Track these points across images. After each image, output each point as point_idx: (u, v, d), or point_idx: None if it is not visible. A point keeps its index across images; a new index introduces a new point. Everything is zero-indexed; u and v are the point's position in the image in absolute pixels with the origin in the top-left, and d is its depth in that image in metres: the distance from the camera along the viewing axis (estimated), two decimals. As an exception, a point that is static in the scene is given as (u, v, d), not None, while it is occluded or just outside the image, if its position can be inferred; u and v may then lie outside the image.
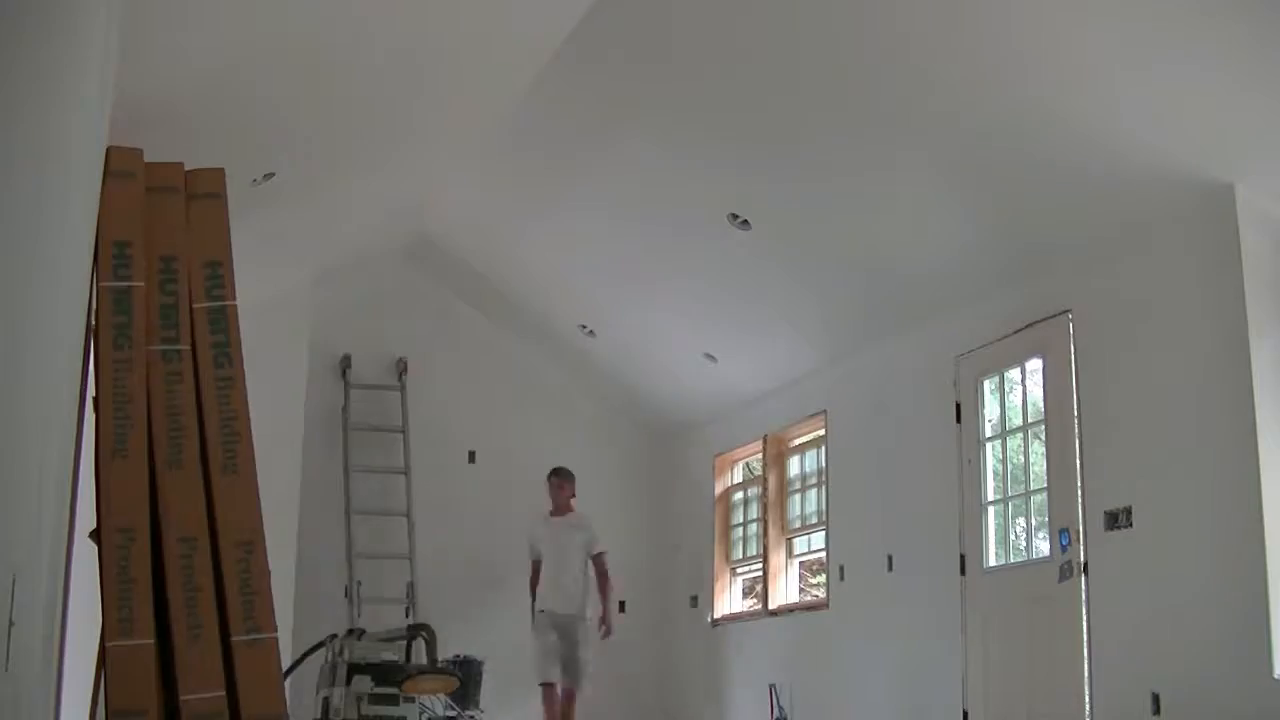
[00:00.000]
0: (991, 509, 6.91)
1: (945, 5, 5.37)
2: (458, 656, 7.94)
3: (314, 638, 6.40)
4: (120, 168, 4.04)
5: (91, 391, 3.95)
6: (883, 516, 7.74)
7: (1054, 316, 6.45)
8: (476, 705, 7.97)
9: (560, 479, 8.45)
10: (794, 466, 9.21)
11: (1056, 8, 5.13)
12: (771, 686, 8.49)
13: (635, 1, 6.11)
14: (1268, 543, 5.17)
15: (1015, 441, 6.95)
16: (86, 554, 3.94)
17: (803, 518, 9.04)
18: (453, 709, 7.82)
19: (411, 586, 9.11)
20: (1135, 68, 5.20)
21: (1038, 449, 6.76)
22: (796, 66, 6.07)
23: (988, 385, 7.11)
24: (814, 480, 8.87)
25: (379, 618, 8.36)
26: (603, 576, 8.22)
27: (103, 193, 3.95)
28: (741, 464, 10.06)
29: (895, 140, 6.25)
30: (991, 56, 5.49)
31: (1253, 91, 5.02)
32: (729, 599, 9.78)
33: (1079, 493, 6.16)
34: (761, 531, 9.28)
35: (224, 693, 3.82)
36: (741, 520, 9.84)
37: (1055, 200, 6.10)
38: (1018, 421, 6.90)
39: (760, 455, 9.45)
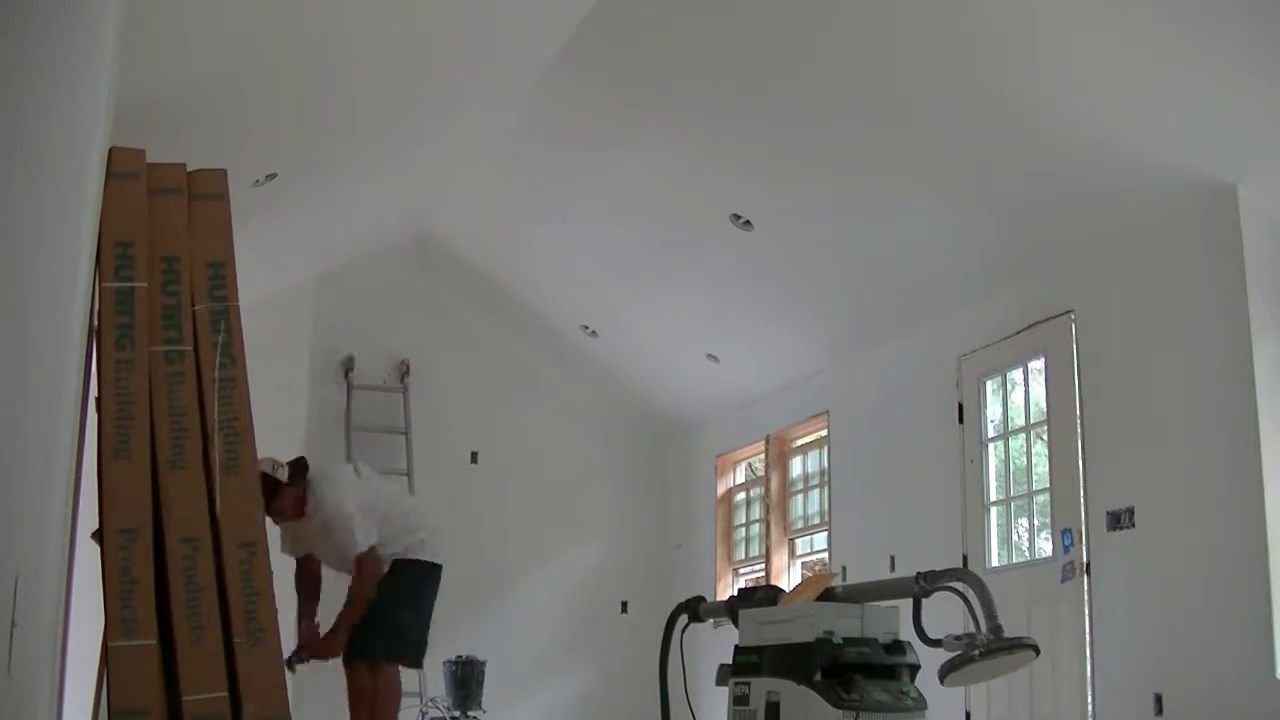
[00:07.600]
0: (994, 509, 6.90)
1: (946, 6, 5.37)
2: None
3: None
4: (123, 168, 4.05)
5: (93, 392, 3.95)
6: (885, 517, 7.73)
7: (1056, 317, 6.45)
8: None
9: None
10: (796, 467, 9.20)
11: (1058, 8, 5.12)
12: (774, 687, 8.47)
13: (637, 2, 6.11)
14: (1270, 543, 5.16)
15: (1018, 442, 6.94)
16: (89, 555, 3.95)
17: (805, 518, 9.04)
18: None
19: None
20: (1138, 68, 5.20)
21: (1040, 449, 6.75)
22: (799, 67, 6.06)
23: (990, 385, 7.10)
24: (816, 481, 8.87)
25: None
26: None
27: (105, 193, 3.95)
28: (743, 464, 10.06)
29: (897, 140, 6.24)
30: (994, 57, 5.49)
31: (1255, 92, 5.02)
32: (731, 600, 9.76)
33: (1081, 493, 6.15)
34: (764, 532, 9.27)
35: (226, 694, 3.83)
36: (743, 521, 9.83)
37: (1058, 201, 6.09)
38: (1020, 422, 6.89)
39: (762, 456, 9.45)
